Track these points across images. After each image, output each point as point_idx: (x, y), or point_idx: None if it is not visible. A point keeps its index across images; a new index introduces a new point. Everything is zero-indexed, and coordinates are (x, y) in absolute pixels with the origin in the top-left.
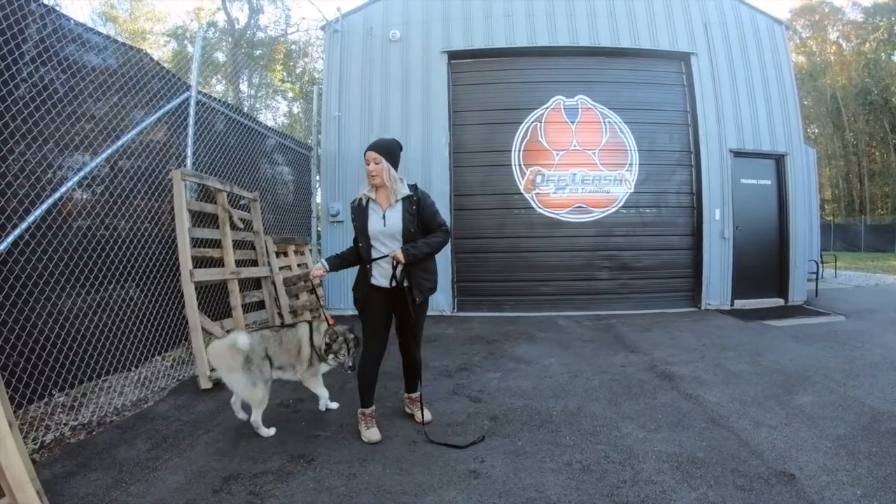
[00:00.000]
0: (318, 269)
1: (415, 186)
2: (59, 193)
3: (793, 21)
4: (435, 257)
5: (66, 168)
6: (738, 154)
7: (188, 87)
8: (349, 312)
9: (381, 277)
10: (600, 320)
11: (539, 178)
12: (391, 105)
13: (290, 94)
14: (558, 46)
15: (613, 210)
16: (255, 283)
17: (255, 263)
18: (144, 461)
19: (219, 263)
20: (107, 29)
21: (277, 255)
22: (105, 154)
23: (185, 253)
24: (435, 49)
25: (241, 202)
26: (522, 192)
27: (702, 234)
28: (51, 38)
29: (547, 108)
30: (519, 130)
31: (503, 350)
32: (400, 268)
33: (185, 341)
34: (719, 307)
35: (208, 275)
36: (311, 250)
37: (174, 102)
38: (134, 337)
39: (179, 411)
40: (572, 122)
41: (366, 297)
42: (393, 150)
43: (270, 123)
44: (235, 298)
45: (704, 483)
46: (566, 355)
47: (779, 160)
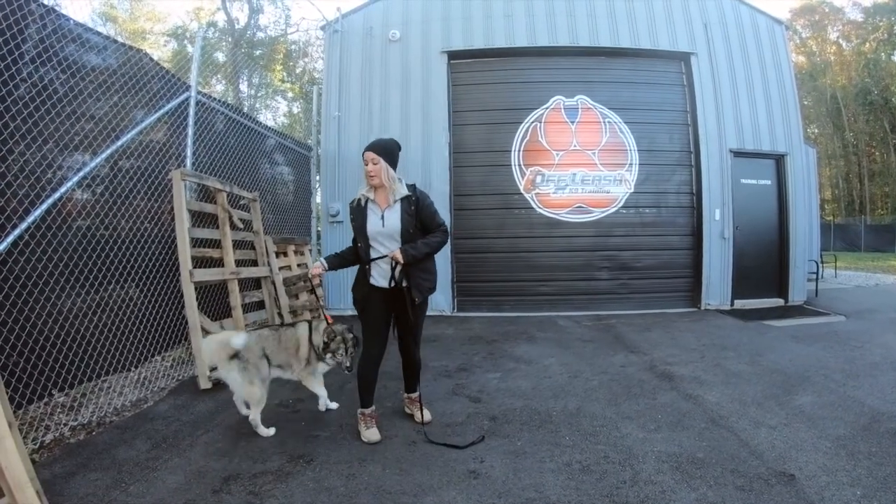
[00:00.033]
0: (318, 267)
1: (413, 186)
2: (58, 193)
3: (793, 21)
4: (434, 257)
5: (65, 168)
6: (738, 154)
7: (188, 88)
8: (349, 313)
9: (380, 278)
10: (600, 320)
11: (539, 179)
12: (391, 105)
13: (290, 94)
14: (558, 46)
15: (613, 210)
16: (255, 283)
17: (254, 263)
18: (144, 461)
19: (218, 263)
20: (107, 29)
21: (277, 255)
22: (105, 154)
23: (185, 253)
24: (435, 49)
25: (241, 202)
26: (522, 192)
27: (702, 234)
28: (51, 38)
29: (547, 108)
30: (519, 130)
31: (503, 350)
32: (399, 268)
33: (185, 341)
34: (719, 307)
35: (208, 275)
36: (310, 250)
37: (174, 102)
38: (134, 337)
39: (179, 411)
40: (572, 122)
41: (365, 298)
42: (391, 150)
43: (270, 123)
44: (235, 298)
45: (704, 483)
46: (566, 355)
47: (779, 160)
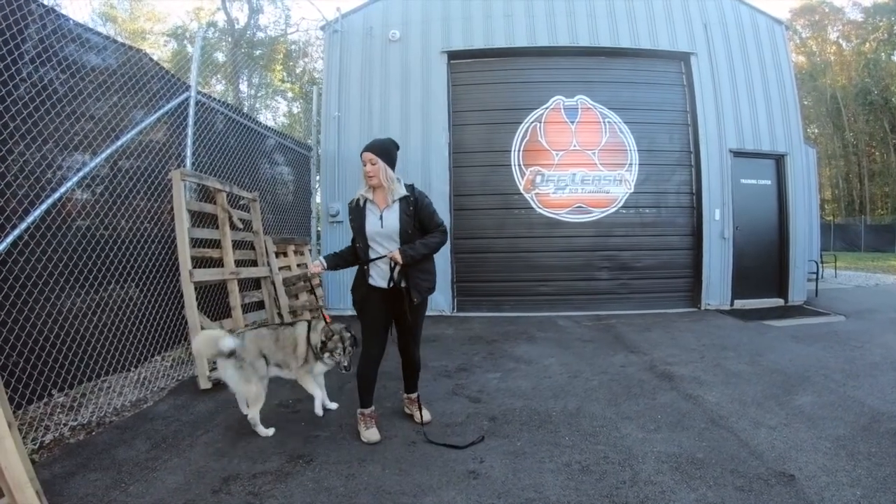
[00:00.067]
0: (317, 266)
1: (412, 187)
2: (58, 193)
3: (793, 21)
4: (433, 257)
5: (65, 168)
6: (737, 154)
7: (187, 88)
8: (349, 313)
9: (378, 278)
10: (600, 320)
11: (539, 179)
12: (391, 105)
13: (290, 94)
14: (558, 46)
15: (613, 210)
16: (255, 284)
17: (254, 263)
18: (144, 461)
19: (218, 263)
20: (106, 29)
21: (277, 255)
22: (105, 154)
23: (185, 253)
24: (434, 49)
25: (241, 202)
26: (522, 192)
27: (702, 234)
28: (50, 38)
29: (547, 109)
30: (519, 130)
31: (503, 350)
32: (398, 269)
33: (185, 341)
34: (719, 307)
35: (208, 275)
36: (310, 250)
37: (173, 103)
38: (133, 337)
39: (179, 411)
40: (572, 122)
41: (364, 298)
42: (389, 150)
43: (270, 123)
44: (235, 299)
45: (704, 484)
46: (566, 355)
47: (779, 160)
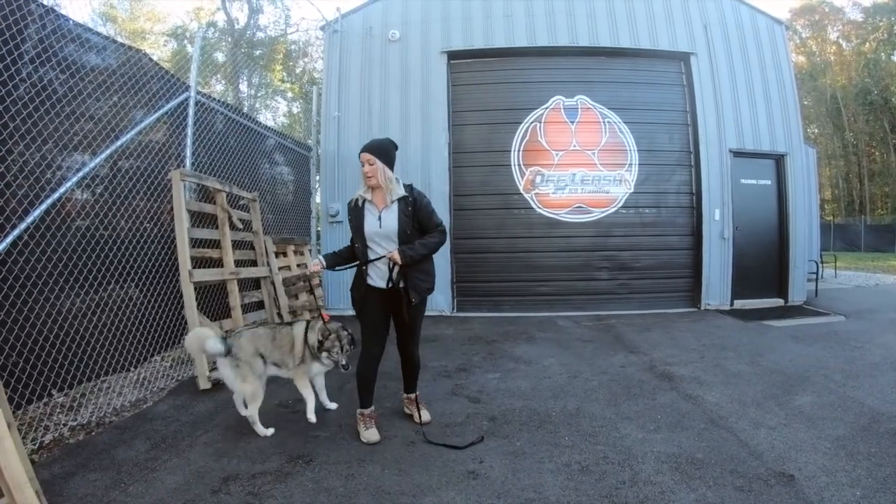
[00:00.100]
0: (316, 265)
1: (410, 187)
2: (58, 193)
3: (793, 21)
4: (433, 258)
5: (65, 168)
6: (737, 154)
7: (187, 88)
8: (349, 313)
9: (377, 278)
10: (600, 320)
11: (539, 179)
12: (390, 105)
13: (290, 95)
14: (558, 46)
15: (613, 210)
16: (255, 284)
17: (254, 264)
18: (143, 462)
19: (218, 264)
20: (106, 29)
21: (277, 255)
22: (104, 154)
23: (185, 253)
24: (434, 49)
25: (241, 202)
26: (522, 192)
27: (701, 234)
28: (50, 39)
29: (546, 109)
30: (518, 130)
31: (502, 350)
32: (397, 269)
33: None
34: (719, 307)
35: (207, 275)
36: (310, 250)
37: (173, 103)
38: (133, 337)
39: (178, 412)
40: (572, 123)
41: (363, 298)
42: (387, 150)
43: (270, 123)
44: (235, 299)
45: (703, 484)
46: (565, 356)
47: (779, 160)
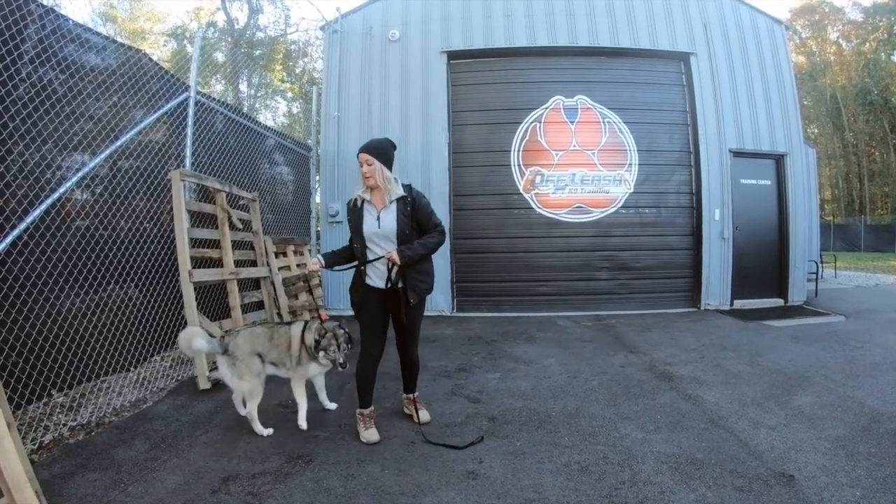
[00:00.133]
0: (315, 264)
1: (409, 187)
2: (58, 193)
3: (793, 21)
4: (431, 258)
5: (65, 168)
6: (737, 154)
7: (187, 88)
8: (349, 313)
9: (376, 278)
10: (600, 320)
11: (538, 179)
12: (390, 105)
13: (290, 94)
14: (558, 46)
15: (613, 210)
16: (255, 284)
17: (254, 264)
18: (143, 462)
19: (218, 264)
20: (106, 29)
21: (276, 255)
22: (104, 154)
23: (184, 253)
24: (434, 49)
25: (241, 202)
26: (522, 192)
27: (701, 234)
28: (50, 39)
29: (546, 109)
30: (518, 130)
31: (502, 350)
32: (396, 269)
33: None
34: (719, 307)
35: (207, 275)
36: (310, 250)
37: (173, 103)
38: (133, 337)
39: (178, 412)
40: (572, 123)
41: (362, 298)
42: (385, 150)
43: (270, 124)
44: (234, 299)
45: (703, 484)
46: (565, 356)
47: (778, 160)
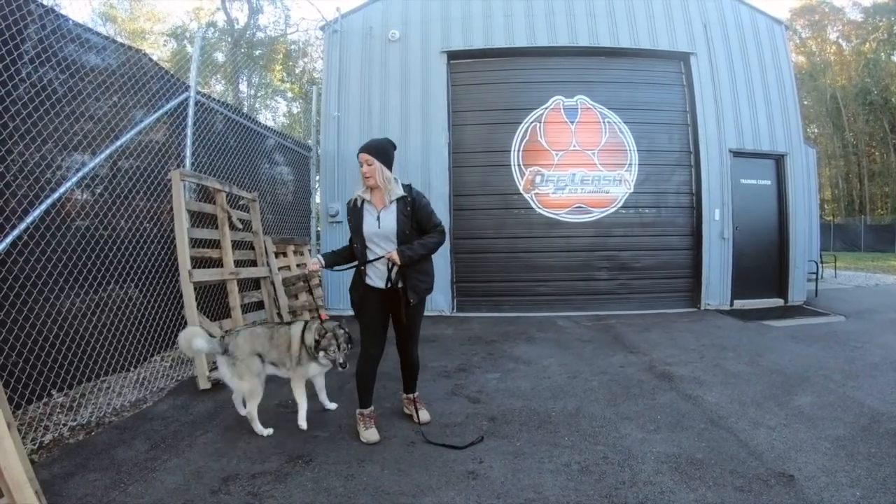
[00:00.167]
0: (315, 263)
1: (409, 187)
2: (58, 193)
3: (793, 21)
4: (431, 258)
5: (65, 168)
6: (737, 154)
7: (187, 88)
8: (349, 313)
9: (376, 279)
10: (599, 321)
11: (538, 179)
12: (390, 105)
13: (290, 95)
14: (557, 46)
15: (613, 210)
16: (255, 284)
17: (254, 264)
18: (143, 462)
19: (218, 264)
20: (106, 29)
21: (276, 255)
22: (104, 154)
23: (184, 253)
24: (434, 49)
25: (241, 202)
26: (522, 192)
27: (701, 234)
28: (50, 39)
29: (546, 109)
30: (518, 130)
31: (502, 350)
32: (396, 269)
33: None
34: (719, 307)
35: (207, 275)
36: (310, 250)
37: (173, 103)
38: (133, 337)
39: (178, 412)
40: (572, 123)
41: (362, 298)
42: (385, 150)
43: (270, 123)
44: (234, 299)
45: (703, 484)
46: (565, 356)
47: (778, 160)
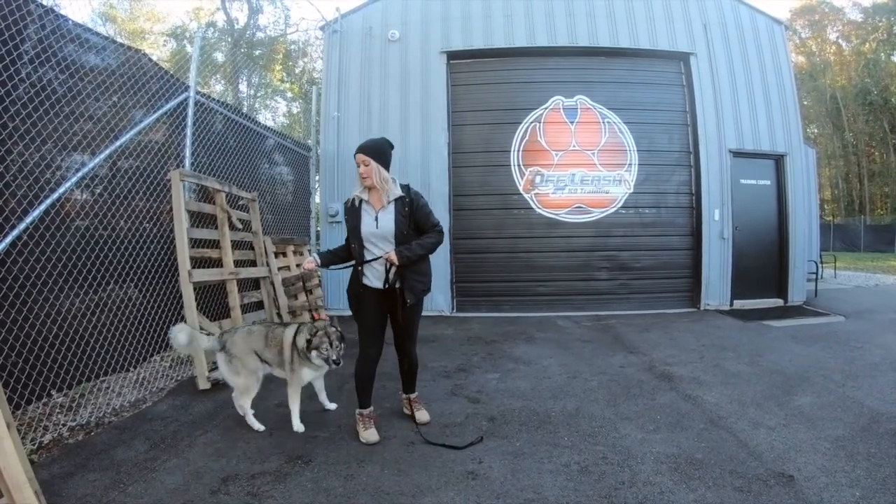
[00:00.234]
0: (310, 262)
1: (407, 187)
2: (57, 193)
3: (792, 21)
4: (429, 258)
5: (65, 168)
6: (737, 154)
7: (187, 88)
8: (348, 313)
9: (374, 279)
10: (599, 321)
11: (538, 179)
12: (390, 105)
13: (290, 95)
14: (557, 46)
15: (613, 210)
16: (254, 284)
17: (253, 264)
18: (142, 462)
19: (217, 264)
20: (106, 29)
21: (276, 255)
22: (104, 154)
23: (184, 253)
24: (434, 49)
25: (240, 202)
26: (521, 192)
27: (701, 234)
28: (49, 39)
29: (546, 109)
30: (518, 130)
31: (502, 350)
32: (393, 269)
33: None
34: (718, 307)
35: (207, 275)
36: (309, 251)
37: (172, 103)
38: (132, 337)
39: (178, 412)
40: (571, 123)
41: (360, 299)
42: (382, 151)
43: (270, 124)
44: (234, 299)
45: (703, 484)
46: (565, 356)
47: (778, 160)
